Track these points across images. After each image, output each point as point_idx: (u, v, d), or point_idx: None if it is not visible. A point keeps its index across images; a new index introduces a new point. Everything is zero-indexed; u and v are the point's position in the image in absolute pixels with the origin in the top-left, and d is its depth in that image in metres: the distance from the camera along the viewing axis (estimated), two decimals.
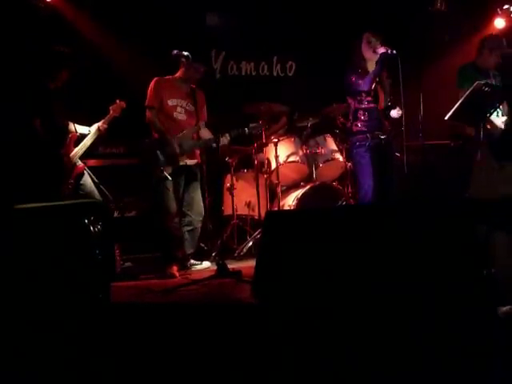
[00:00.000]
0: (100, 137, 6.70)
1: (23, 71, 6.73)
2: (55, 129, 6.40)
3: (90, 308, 4.15)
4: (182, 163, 6.56)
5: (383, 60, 6.44)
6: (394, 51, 6.32)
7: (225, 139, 6.61)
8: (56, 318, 3.97)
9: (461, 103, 5.99)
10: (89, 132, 6.65)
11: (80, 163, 6.56)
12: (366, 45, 6.55)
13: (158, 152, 6.46)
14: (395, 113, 6.61)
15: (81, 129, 6.69)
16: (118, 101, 6.78)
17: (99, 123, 6.66)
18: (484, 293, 3.63)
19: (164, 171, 6.39)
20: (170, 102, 6.67)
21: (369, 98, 6.58)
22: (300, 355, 3.49)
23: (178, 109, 6.70)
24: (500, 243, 4.34)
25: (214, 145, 6.52)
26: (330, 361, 3.45)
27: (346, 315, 3.63)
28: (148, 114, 6.62)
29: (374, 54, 6.49)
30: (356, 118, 6.62)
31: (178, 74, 6.77)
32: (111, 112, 6.73)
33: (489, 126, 6.10)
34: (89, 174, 6.60)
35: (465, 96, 5.97)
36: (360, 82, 6.51)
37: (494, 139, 5.96)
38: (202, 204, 6.76)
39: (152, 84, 6.67)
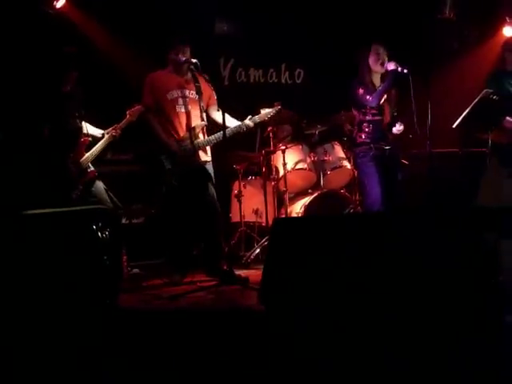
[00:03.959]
0: (113, 142, 6.58)
1: (35, 77, 6.72)
2: (67, 132, 6.35)
3: (97, 313, 4.16)
4: (189, 165, 6.33)
5: (393, 77, 6.41)
6: (405, 70, 6.26)
7: (248, 122, 6.36)
8: (63, 323, 3.98)
9: (468, 111, 5.99)
10: (102, 135, 6.54)
11: (92, 168, 6.46)
12: (374, 56, 6.49)
13: (163, 157, 6.30)
14: (396, 129, 6.58)
15: (94, 130, 6.59)
16: (136, 105, 6.55)
17: (113, 128, 6.53)
18: (492, 301, 3.63)
19: (171, 176, 6.28)
20: (170, 96, 6.37)
21: (374, 111, 6.55)
22: (306, 362, 3.49)
23: (180, 101, 6.39)
24: (508, 251, 4.33)
25: (245, 127, 6.35)
26: (336, 367, 3.45)
27: (352, 322, 3.63)
28: (144, 115, 6.45)
29: (381, 66, 6.46)
30: (360, 130, 6.60)
31: (169, 67, 6.50)
32: (128, 116, 6.54)
33: None
34: None
35: (472, 104, 5.97)
36: (368, 97, 6.47)
37: (502, 147, 5.97)
38: (216, 203, 6.44)
39: (145, 82, 6.47)
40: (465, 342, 3.42)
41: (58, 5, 7.27)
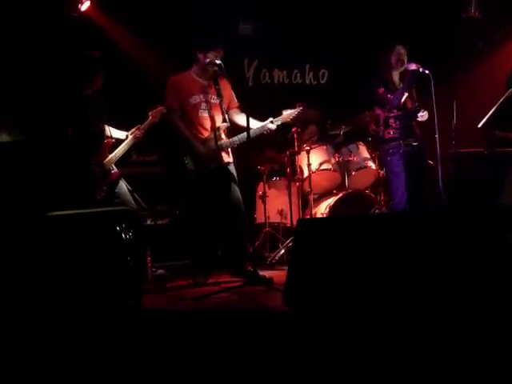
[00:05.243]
0: (137, 143, 6.62)
1: (58, 80, 6.75)
2: (90, 135, 6.38)
3: (121, 314, 4.17)
4: (212, 166, 6.31)
5: (414, 77, 6.44)
6: (427, 71, 6.28)
7: (271, 125, 6.31)
8: (86, 323, 4.01)
9: (494, 111, 5.95)
10: (125, 137, 6.58)
11: (115, 170, 6.50)
12: (395, 56, 6.54)
13: (186, 158, 6.28)
14: (420, 116, 6.62)
15: (117, 133, 6.63)
16: (158, 106, 6.57)
17: (136, 129, 6.57)
18: None
19: (195, 177, 6.27)
20: (193, 100, 6.35)
21: None
22: (330, 363, 3.48)
23: (203, 105, 6.36)
24: None
25: (267, 130, 6.32)
26: (362, 368, 3.43)
27: (377, 323, 3.62)
28: (168, 117, 6.45)
29: (401, 65, 6.51)
30: (387, 126, 6.64)
31: (193, 68, 6.46)
32: (150, 118, 6.57)
33: None
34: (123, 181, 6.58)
35: (498, 103, 5.93)
36: (390, 97, 6.52)
37: None
38: (241, 204, 6.40)
39: (168, 84, 6.42)
40: (482, 343, 3.39)
41: (83, 8, 7.30)
